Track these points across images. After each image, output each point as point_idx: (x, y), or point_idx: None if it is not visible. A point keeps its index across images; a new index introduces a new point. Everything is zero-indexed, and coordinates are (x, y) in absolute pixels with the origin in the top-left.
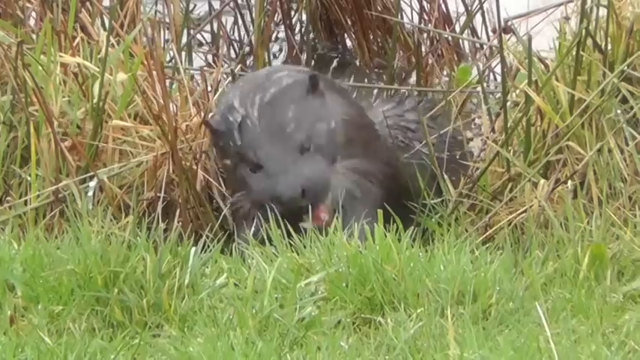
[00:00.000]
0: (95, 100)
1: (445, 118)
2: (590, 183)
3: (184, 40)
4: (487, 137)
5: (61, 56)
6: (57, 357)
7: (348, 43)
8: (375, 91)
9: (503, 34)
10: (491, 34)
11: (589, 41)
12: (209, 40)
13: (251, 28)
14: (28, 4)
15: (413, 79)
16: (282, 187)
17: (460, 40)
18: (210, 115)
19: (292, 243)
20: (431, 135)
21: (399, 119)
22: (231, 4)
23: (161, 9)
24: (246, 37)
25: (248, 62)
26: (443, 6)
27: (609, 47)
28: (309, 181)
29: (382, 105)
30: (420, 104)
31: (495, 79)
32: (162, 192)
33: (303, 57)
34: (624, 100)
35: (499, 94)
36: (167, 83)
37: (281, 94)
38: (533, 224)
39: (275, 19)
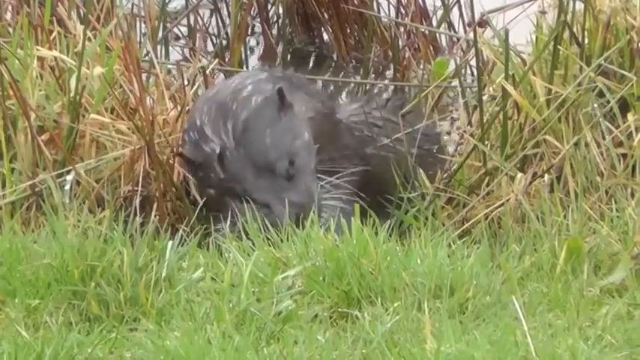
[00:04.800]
0: (72, 94)
1: (416, 116)
2: (567, 177)
3: (161, 33)
4: (464, 131)
5: (37, 50)
6: (34, 351)
7: (325, 36)
8: (351, 84)
9: (478, 28)
10: (468, 27)
11: (566, 35)
12: (186, 33)
13: (228, 21)
14: None
15: (390, 72)
16: (276, 216)
17: (437, 34)
18: (181, 144)
19: (269, 237)
20: (399, 132)
21: (366, 116)
22: None
23: (137, 2)
24: (222, 30)
25: (225, 56)
26: (419, 0)
27: (586, 41)
28: (301, 208)
29: (349, 104)
30: (388, 102)
31: (472, 73)
32: (140, 186)
33: (279, 50)
34: (601, 94)
35: (476, 88)
36: (144, 77)
37: (253, 118)
38: (510, 218)
39: (251, 12)
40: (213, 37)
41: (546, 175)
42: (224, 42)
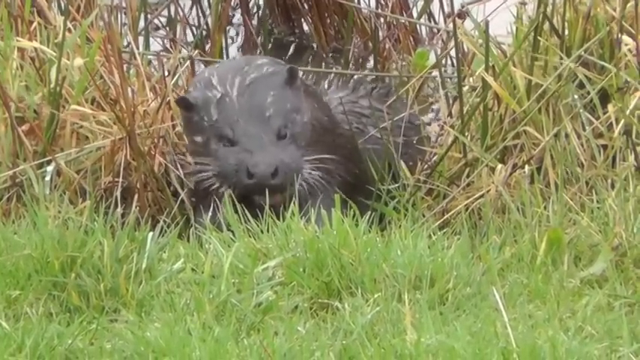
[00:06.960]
0: (52, 85)
1: (401, 103)
2: (547, 168)
3: (142, 24)
4: (444, 122)
5: (18, 40)
6: (14, 341)
7: (305, 27)
8: (331, 75)
9: (458, 19)
10: (448, 19)
11: (546, 26)
12: (166, 24)
13: (208, 12)
14: None
15: (370, 63)
16: (256, 161)
17: (417, 25)
18: (184, 93)
19: (249, 228)
20: (386, 121)
21: (353, 105)
22: None
23: None
24: (203, 21)
25: (205, 47)
26: None
27: (566, 32)
28: (283, 163)
29: (336, 92)
30: (373, 91)
31: (452, 64)
32: (120, 177)
33: (260, 41)
34: (581, 85)
35: (456, 79)
36: (124, 68)
37: (261, 79)
38: (491, 209)
39: (232, 3)
40: (194, 28)
41: (526, 166)
42: (204, 33)
